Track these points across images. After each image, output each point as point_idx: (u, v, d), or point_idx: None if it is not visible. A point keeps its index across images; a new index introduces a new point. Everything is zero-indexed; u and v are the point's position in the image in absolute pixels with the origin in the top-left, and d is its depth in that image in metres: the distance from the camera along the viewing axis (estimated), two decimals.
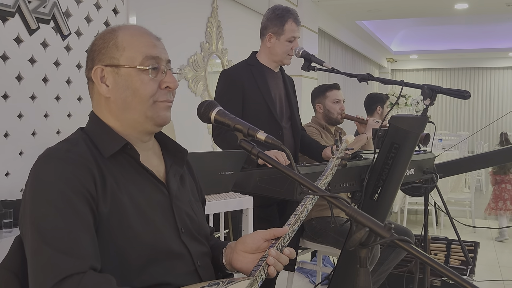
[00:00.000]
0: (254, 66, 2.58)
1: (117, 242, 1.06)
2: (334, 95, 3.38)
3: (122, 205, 1.08)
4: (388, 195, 2.19)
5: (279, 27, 2.55)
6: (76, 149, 1.09)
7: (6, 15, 2.26)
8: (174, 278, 1.13)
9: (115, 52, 1.14)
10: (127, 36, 1.15)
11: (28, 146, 2.39)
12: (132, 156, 1.14)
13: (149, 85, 1.13)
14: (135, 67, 1.13)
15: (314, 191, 1.06)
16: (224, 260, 1.26)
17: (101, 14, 2.82)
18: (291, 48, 2.55)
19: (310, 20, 6.31)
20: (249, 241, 1.19)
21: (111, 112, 1.16)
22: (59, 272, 0.93)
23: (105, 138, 1.14)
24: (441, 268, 0.91)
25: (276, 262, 1.13)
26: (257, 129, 1.10)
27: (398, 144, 2.11)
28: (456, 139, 10.20)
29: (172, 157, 1.26)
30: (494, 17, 9.78)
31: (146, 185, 1.15)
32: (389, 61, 14.18)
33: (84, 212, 1.02)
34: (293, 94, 2.75)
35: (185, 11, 4.34)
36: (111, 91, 1.14)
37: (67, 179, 1.03)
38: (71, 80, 2.63)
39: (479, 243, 3.74)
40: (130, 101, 1.14)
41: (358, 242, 0.98)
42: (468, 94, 1.99)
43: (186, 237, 1.19)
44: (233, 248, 1.24)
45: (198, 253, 1.21)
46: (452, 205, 6.17)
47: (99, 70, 1.14)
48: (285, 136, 2.59)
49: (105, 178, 1.08)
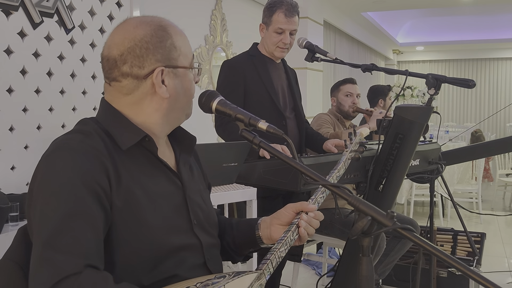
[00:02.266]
0: (255, 56, 2.56)
1: (131, 236, 1.05)
2: (347, 88, 3.40)
3: (136, 198, 1.07)
4: (393, 186, 2.18)
5: (268, 17, 2.53)
6: (89, 140, 1.06)
7: (9, 9, 2.26)
8: (184, 270, 1.13)
9: (174, 52, 1.13)
10: (177, 35, 1.15)
11: (33, 140, 2.40)
12: (149, 149, 1.13)
13: (193, 84, 1.18)
14: (189, 68, 1.16)
15: (316, 181, 1.06)
16: (261, 234, 1.29)
17: (105, 7, 2.81)
18: (281, 41, 2.50)
19: (315, 12, 6.28)
20: (283, 216, 1.24)
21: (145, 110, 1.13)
22: (58, 273, 0.91)
23: (122, 129, 1.11)
24: (445, 257, 0.91)
25: (307, 225, 1.19)
26: (259, 118, 1.10)
27: (402, 134, 2.10)
28: (462, 131, 10.15)
29: (179, 144, 1.26)
30: (500, 7, 9.69)
31: (160, 177, 1.15)
32: (395, 53, 14.11)
33: (92, 208, 0.99)
34: (295, 85, 2.74)
35: (189, 4, 4.33)
36: (168, 91, 1.12)
37: (80, 172, 1.00)
38: (75, 74, 2.63)
39: (485, 234, 3.72)
40: (181, 101, 1.15)
41: (360, 231, 0.97)
42: (473, 83, 1.97)
43: (198, 229, 1.19)
44: (269, 222, 1.27)
45: (208, 245, 1.21)
46: (459, 197, 6.15)
47: (159, 71, 1.11)
48: (289, 127, 2.58)
49: (119, 171, 1.06)
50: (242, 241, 1.33)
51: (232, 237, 1.35)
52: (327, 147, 2.57)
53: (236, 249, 1.35)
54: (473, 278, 0.87)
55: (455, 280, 3.19)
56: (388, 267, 3.20)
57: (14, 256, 1.10)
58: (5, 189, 2.21)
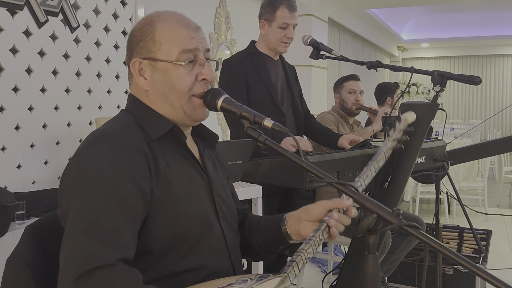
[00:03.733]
0: (253, 54, 2.58)
1: (166, 224, 1.07)
2: (350, 85, 3.37)
3: (173, 187, 1.09)
4: (399, 183, 2.18)
5: (270, 13, 2.54)
6: (128, 131, 1.09)
7: (15, 8, 2.27)
8: (212, 261, 1.14)
9: (152, 46, 1.15)
10: (165, 30, 1.15)
11: (39, 139, 2.40)
12: (178, 139, 1.15)
13: (185, 80, 1.14)
14: (171, 62, 1.14)
15: (322, 179, 1.05)
16: (289, 231, 1.24)
17: (109, 6, 2.82)
18: (285, 36, 2.52)
19: (319, 9, 6.26)
20: (314, 213, 1.18)
21: (152, 102, 1.17)
22: (92, 261, 0.91)
23: (152, 120, 1.14)
24: (451, 254, 0.91)
25: (338, 224, 1.13)
26: (264, 116, 1.10)
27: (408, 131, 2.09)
28: (468, 128, 10.11)
29: (203, 141, 1.28)
30: (506, 3, 9.63)
31: (190, 168, 1.17)
32: (400, 50, 14.07)
33: (132, 199, 1.00)
34: (294, 81, 2.74)
35: (193, 2, 4.34)
36: (149, 84, 1.16)
37: (120, 162, 1.02)
38: (80, 72, 2.64)
39: (491, 231, 3.70)
40: (168, 95, 1.15)
41: (366, 229, 0.97)
42: (479, 80, 1.96)
43: (223, 221, 1.20)
44: (297, 218, 1.23)
45: (231, 238, 1.22)
46: (465, 194, 6.13)
47: (137, 63, 1.16)
48: (287, 123, 2.60)
49: (157, 160, 1.09)
50: (270, 238, 1.29)
51: (261, 235, 1.32)
52: (341, 143, 2.57)
53: (266, 247, 1.32)
54: (480, 275, 0.87)
55: (461, 278, 3.18)
56: (394, 265, 3.19)
57: (21, 254, 1.10)
58: (11, 188, 2.22)
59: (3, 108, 2.22)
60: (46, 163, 2.43)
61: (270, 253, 1.34)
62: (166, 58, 1.14)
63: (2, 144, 2.22)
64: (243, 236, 1.34)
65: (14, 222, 1.95)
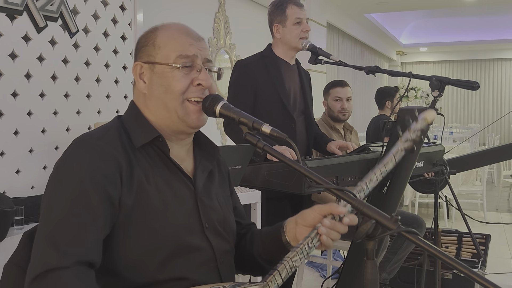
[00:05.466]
0: (268, 57, 2.56)
1: (139, 234, 1.07)
2: (336, 92, 3.33)
3: (148, 197, 1.09)
4: (397, 188, 2.18)
5: (281, 15, 2.55)
6: (107, 137, 1.11)
7: (14, 13, 2.27)
8: (193, 273, 1.13)
9: (152, 50, 1.19)
10: (165, 36, 1.20)
11: (38, 144, 2.40)
12: (161, 149, 1.16)
13: (180, 82, 1.16)
14: (167, 64, 1.16)
15: (320, 184, 1.05)
16: (287, 237, 1.21)
17: (108, 11, 2.82)
18: (302, 30, 2.53)
19: (318, 14, 6.28)
20: (308, 217, 1.15)
21: (148, 107, 1.20)
22: (45, 263, 0.95)
23: (139, 128, 1.17)
24: (449, 260, 0.91)
25: (330, 231, 1.07)
26: (262, 122, 1.10)
27: None
28: (467, 132, 10.12)
29: (202, 152, 1.29)
30: (504, 8, 9.67)
31: (173, 178, 1.17)
32: (399, 54, 14.10)
33: (97, 206, 1.02)
34: (308, 88, 2.73)
35: (192, 7, 4.34)
36: (147, 87, 1.19)
37: (90, 169, 1.04)
38: (79, 77, 2.64)
39: (490, 235, 3.70)
40: (163, 98, 1.16)
41: (364, 234, 0.97)
42: (477, 85, 1.97)
43: (210, 232, 1.19)
44: (295, 222, 1.20)
45: (221, 249, 1.21)
46: (464, 198, 6.13)
47: (138, 67, 1.20)
48: (297, 129, 2.57)
49: (133, 168, 1.10)
50: (271, 247, 1.26)
51: (262, 246, 1.29)
52: (330, 148, 2.56)
53: (268, 257, 1.28)
54: (477, 281, 0.87)
55: (460, 282, 3.18)
56: (397, 265, 3.19)
57: (18, 260, 1.10)
58: (10, 193, 2.21)
59: (2, 113, 2.22)
60: (45, 168, 2.43)
61: (271, 264, 1.28)
62: (164, 61, 1.17)
63: (1, 149, 2.22)
64: (245, 249, 1.33)
65: (13, 227, 1.95)
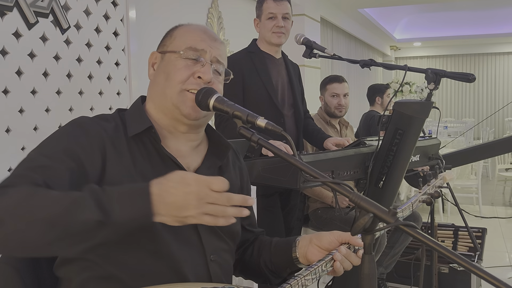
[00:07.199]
0: (254, 53, 2.56)
1: None
2: (333, 88, 3.30)
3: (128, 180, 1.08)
4: (393, 182, 2.17)
5: (259, 9, 2.61)
6: (103, 122, 1.14)
7: (4, 10, 2.24)
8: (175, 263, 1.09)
9: (168, 40, 1.24)
10: (183, 30, 1.24)
11: (30, 141, 2.37)
12: (154, 139, 1.16)
13: (181, 71, 1.17)
14: (174, 52, 1.19)
15: (316, 178, 1.04)
16: (298, 252, 1.24)
17: (100, 7, 2.79)
18: (274, 25, 2.52)
19: (312, 9, 6.26)
20: (325, 240, 1.19)
21: (151, 95, 1.23)
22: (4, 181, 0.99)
23: (135, 118, 1.18)
24: (449, 253, 0.89)
25: (344, 259, 1.13)
26: (257, 115, 1.08)
27: (402, 130, 2.09)
28: (461, 126, 10.14)
29: (215, 150, 1.27)
30: (497, 2, 9.68)
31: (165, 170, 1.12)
32: (393, 49, 14.09)
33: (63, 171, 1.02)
34: (297, 81, 2.71)
35: (185, 3, 4.31)
36: (154, 75, 1.23)
37: (73, 141, 1.06)
38: (71, 74, 2.61)
39: (486, 229, 3.70)
40: (162, 85, 1.18)
41: (362, 228, 0.95)
42: (473, 77, 1.95)
43: (203, 228, 1.16)
44: (309, 240, 1.22)
45: (214, 247, 1.18)
46: (459, 192, 6.14)
47: (153, 56, 1.25)
48: (287, 124, 2.57)
49: (122, 155, 1.10)
50: (279, 259, 1.28)
51: (270, 256, 1.30)
52: (327, 146, 2.55)
53: (273, 268, 1.30)
54: (476, 273, 0.86)
55: (456, 276, 3.18)
56: (394, 259, 3.19)
57: (10, 260, 1.08)
58: None
59: None
60: None
61: (275, 276, 1.31)
62: (173, 49, 1.20)
63: None
64: (252, 256, 1.33)
65: None
